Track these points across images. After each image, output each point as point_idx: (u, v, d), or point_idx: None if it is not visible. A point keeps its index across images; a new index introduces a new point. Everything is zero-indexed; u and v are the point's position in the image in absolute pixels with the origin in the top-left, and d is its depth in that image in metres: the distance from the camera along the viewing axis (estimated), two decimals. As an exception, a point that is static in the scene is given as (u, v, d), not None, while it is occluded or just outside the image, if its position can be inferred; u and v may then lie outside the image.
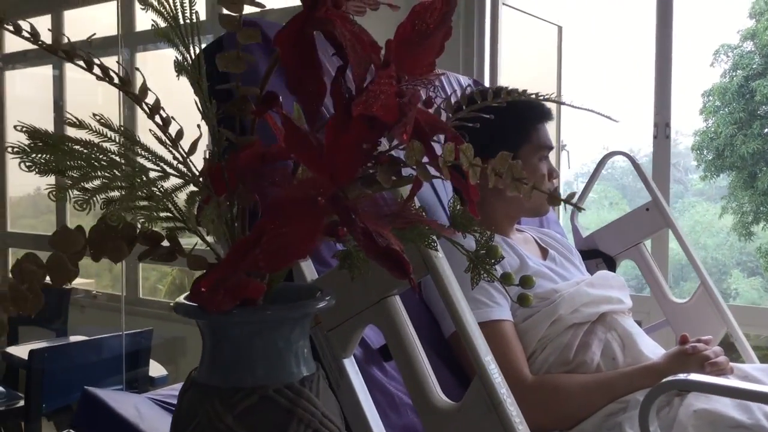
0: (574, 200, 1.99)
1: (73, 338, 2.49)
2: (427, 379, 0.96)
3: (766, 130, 9.57)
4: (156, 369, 2.18)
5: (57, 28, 3.90)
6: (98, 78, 0.63)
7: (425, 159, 0.68)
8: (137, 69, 1.66)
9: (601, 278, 1.39)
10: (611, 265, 1.78)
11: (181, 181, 0.66)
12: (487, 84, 2.75)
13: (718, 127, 9.85)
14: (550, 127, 1.42)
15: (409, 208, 0.72)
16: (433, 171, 0.66)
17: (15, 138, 0.60)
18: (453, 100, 0.81)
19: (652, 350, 1.28)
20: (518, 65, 3.25)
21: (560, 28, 3.12)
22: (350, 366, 1.03)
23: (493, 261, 0.88)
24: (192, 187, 0.67)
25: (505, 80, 2.98)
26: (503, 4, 2.73)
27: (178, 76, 0.69)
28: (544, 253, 1.46)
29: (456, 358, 1.26)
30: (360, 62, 0.62)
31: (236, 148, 0.67)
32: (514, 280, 0.87)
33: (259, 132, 0.70)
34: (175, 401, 1.54)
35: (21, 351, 2.37)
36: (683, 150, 11.39)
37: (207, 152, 0.68)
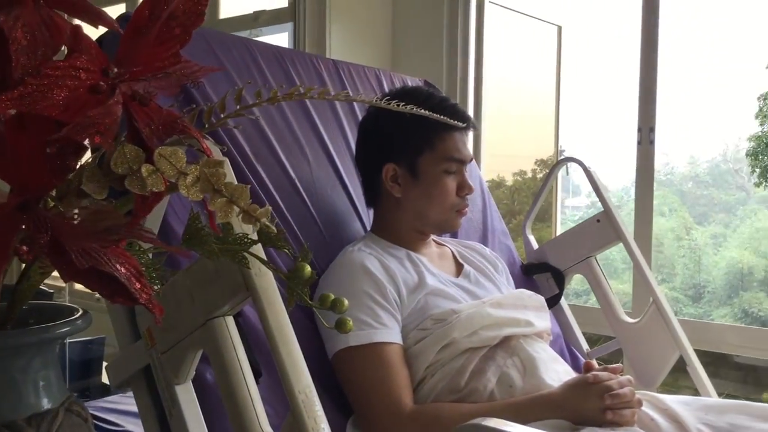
0: (535, 211, 1.85)
1: None
2: (250, 411, 0.88)
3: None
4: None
5: None
6: None
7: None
8: None
9: (513, 297, 1.28)
10: (560, 280, 1.65)
11: None
12: (471, 85, 2.64)
13: (775, 132, 9.38)
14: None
15: (137, 225, 0.64)
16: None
17: None
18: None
19: (561, 378, 1.16)
20: (515, 65, 3.12)
21: (560, 28, 2.99)
22: (184, 393, 0.96)
23: (304, 281, 0.79)
24: None
25: (496, 80, 2.86)
26: (490, 2, 2.62)
27: None
28: (460, 269, 1.35)
29: (338, 380, 1.17)
30: (26, 50, 0.54)
31: None
32: (328, 303, 0.78)
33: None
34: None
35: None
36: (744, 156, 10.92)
37: None
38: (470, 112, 2.63)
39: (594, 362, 1.17)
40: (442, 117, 0.90)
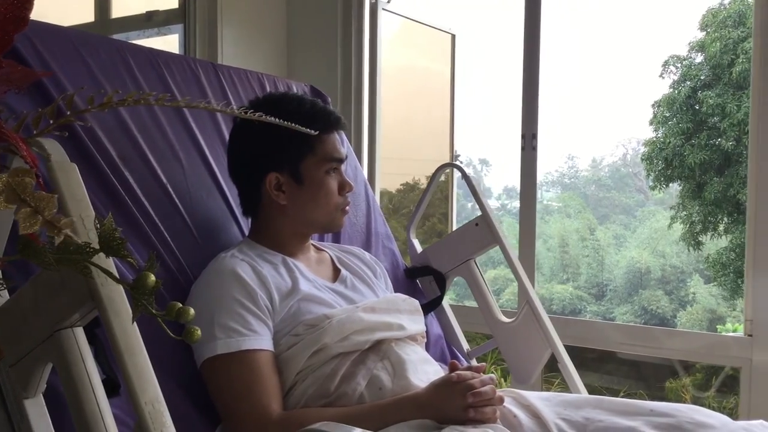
0: (418, 215, 1.87)
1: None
2: (98, 425, 0.85)
3: (712, 141, 9.63)
4: None
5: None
6: None
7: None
8: None
9: (386, 302, 1.30)
10: (442, 283, 1.69)
11: None
12: (366, 90, 2.66)
13: (667, 138, 9.91)
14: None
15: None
16: None
17: None
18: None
19: (430, 378, 1.18)
20: (412, 71, 3.18)
21: (453, 36, 3.06)
22: (33, 407, 0.92)
23: (149, 291, 0.77)
24: None
25: (391, 86, 2.90)
26: (384, 9, 2.65)
27: None
28: (337, 273, 1.36)
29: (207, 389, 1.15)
30: None
31: None
32: (173, 312, 0.77)
33: None
34: None
35: None
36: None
37: None
38: (365, 117, 2.66)
39: (457, 362, 1.19)
40: (296, 126, 0.91)
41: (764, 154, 2.03)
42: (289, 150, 1.26)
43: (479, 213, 1.67)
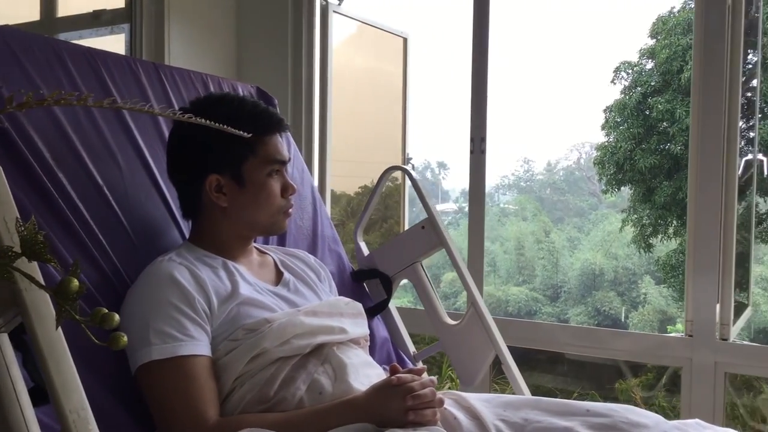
0: (365, 218, 1.87)
1: None
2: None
3: (662, 146, 9.86)
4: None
5: None
6: None
7: None
8: None
9: (329, 305, 1.29)
10: (388, 286, 1.69)
11: None
12: (317, 93, 2.65)
13: (618, 142, 10.11)
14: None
15: None
16: None
17: None
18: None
19: (372, 382, 1.18)
20: (364, 75, 3.18)
21: (405, 40, 3.07)
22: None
23: (73, 296, 0.76)
24: None
25: (345, 89, 2.89)
26: (335, 12, 2.65)
27: None
28: (280, 277, 1.35)
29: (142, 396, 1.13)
30: None
31: None
32: (98, 318, 0.75)
33: None
34: None
35: None
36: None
37: None
38: (316, 119, 2.65)
39: (397, 365, 1.19)
40: (228, 128, 0.90)
41: (705, 158, 2.08)
42: (230, 151, 1.25)
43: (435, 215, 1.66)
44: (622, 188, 10.85)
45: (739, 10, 2.09)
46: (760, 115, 8.65)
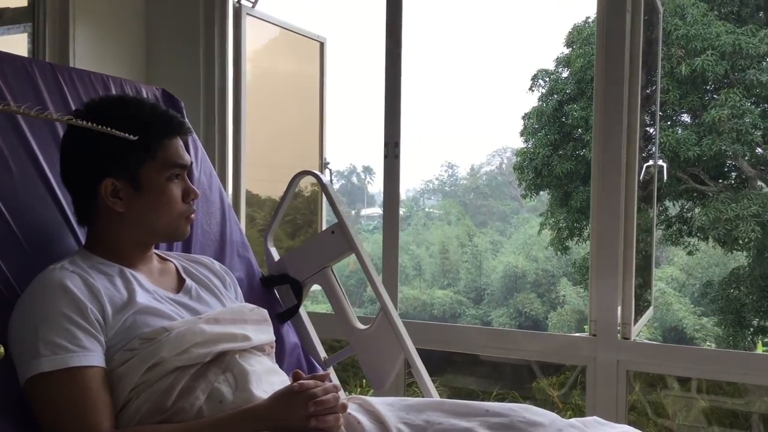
0: (276, 222, 1.84)
1: None
2: None
3: (578, 152, 10.18)
4: None
5: None
6: None
7: None
8: None
9: (231, 312, 1.27)
10: (299, 291, 1.68)
11: None
12: (230, 96, 2.62)
13: (536, 148, 10.38)
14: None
15: None
16: None
17: None
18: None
19: (275, 389, 1.17)
20: (280, 79, 3.16)
21: (322, 44, 3.06)
22: None
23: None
24: None
25: (260, 93, 2.86)
26: (248, 14, 2.62)
27: None
28: (182, 284, 1.32)
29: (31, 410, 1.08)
30: None
31: None
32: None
33: None
34: None
35: None
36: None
37: None
38: (229, 122, 2.61)
39: (300, 372, 1.19)
40: (113, 130, 0.87)
41: (606, 165, 2.17)
42: (126, 155, 1.21)
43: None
44: (541, 192, 11.15)
45: (638, 22, 2.19)
46: (664, 123, 9.07)
